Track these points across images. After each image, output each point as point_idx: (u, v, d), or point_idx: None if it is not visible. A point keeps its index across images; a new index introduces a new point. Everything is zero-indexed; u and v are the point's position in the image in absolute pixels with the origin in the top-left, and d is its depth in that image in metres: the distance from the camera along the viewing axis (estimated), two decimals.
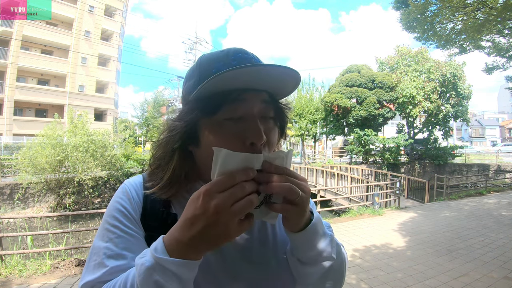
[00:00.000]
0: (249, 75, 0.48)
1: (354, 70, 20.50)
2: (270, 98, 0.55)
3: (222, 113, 0.51)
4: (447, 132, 20.88)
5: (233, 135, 0.51)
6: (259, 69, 0.49)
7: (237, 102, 0.51)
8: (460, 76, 19.04)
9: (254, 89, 0.52)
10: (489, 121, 50.99)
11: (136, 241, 0.52)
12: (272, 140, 0.55)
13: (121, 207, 0.54)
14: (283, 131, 0.63)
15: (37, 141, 10.86)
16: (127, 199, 0.55)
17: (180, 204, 0.57)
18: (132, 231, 0.52)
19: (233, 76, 0.47)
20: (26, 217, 8.88)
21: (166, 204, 0.56)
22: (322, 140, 28.55)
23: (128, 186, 0.57)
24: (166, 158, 0.57)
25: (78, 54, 24.48)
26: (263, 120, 0.54)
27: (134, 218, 0.53)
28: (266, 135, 0.52)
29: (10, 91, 21.27)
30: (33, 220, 9.71)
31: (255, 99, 0.52)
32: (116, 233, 0.51)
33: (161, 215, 0.55)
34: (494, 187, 12.72)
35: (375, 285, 3.57)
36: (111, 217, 0.53)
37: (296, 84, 0.54)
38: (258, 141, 0.50)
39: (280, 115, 0.59)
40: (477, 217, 7.17)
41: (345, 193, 11.41)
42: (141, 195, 0.56)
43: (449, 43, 8.03)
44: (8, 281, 3.79)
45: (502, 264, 4.15)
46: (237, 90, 0.50)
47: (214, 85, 0.48)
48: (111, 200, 0.57)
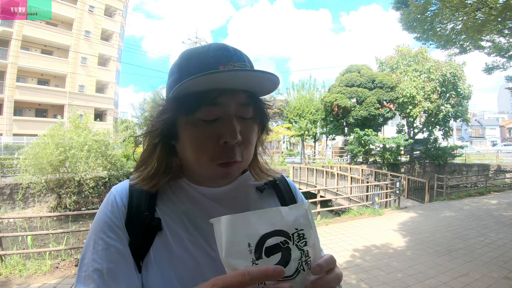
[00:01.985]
0: (225, 78, 0.49)
1: (354, 70, 20.50)
2: (249, 98, 0.55)
3: (198, 114, 0.53)
4: (447, 132, 20.88)
5: (208, 134, 0.53)
6: (236, 74, 0.50)
7: (214, 105, 0.52)
8: (460, 76, 19.03)
9: (232, 90, 0.52)
10: (489, 121, 50.98)
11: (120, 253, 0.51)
12: (249, 139, 0.56)
13: (106, 218, 0.54)
14: (264, 126, 0.63)
15: (41, 140, 10.87)
16: (111, 207, 0.55)
17: (165, 206, 0.57)
18: (116, 242, 0.52)
19: (207, 81, 0.48)
20: (26, 217, 8.87)
21: (150, 209, 0.56)
22: (322, 140, 28.55)
23: (114, 194, 0.57)
24: (148, 151, 0.59)
25: (78, 54, 24.48)
26: (241, 120, 0.54)
27: (117, 226, 0.53)
28: (243, 134, 0.54)
29: (10, 91, 21.27)
30: (33, 220, 9.71)
31: (232, 100, 0.53)
32: (102, 246, 0.51)
33: (145, 219, 0.54)
34: (494, 187, 12.72)
35: (375, 285, 3.57)
36: (97, 228, 0.53)
37: (275, 85, 0.54)
38: (232, 140, 0.52)
39: (259, 113, 0.60)
40: (477, 217, 7.17)
41: (345, 193, 11.41)
42: (126, 202, 0.56)
43: (449, 43, 8.03)
44: (8, 281, 3.79)
45: (502, 264, 4.15)
46: (214, 91, 0.51)
47: (191, 86, 0.49)
48: (99, 208, 0.57)
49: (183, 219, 0.56)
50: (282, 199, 0.67)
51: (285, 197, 0.68)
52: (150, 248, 0.53)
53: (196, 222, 0.57)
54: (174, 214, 0.57)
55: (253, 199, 0.64)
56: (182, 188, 0.60)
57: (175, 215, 0.57)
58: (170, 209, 0.57)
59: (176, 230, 0.55)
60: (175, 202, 0.58)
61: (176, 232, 0.55)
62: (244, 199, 0.63)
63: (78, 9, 24.29)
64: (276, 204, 0.66)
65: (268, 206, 0.64)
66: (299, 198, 0.71)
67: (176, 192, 0.60)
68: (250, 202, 0.63)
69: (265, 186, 0.66)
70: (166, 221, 0.55)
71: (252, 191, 0.65)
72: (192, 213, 0.58)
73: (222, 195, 0.60)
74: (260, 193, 0.66)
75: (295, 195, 0.70)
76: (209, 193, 0.60)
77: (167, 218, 0.56)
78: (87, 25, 25.16)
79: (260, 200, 0.65)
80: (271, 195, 0.67)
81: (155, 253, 0.53)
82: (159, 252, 0.53)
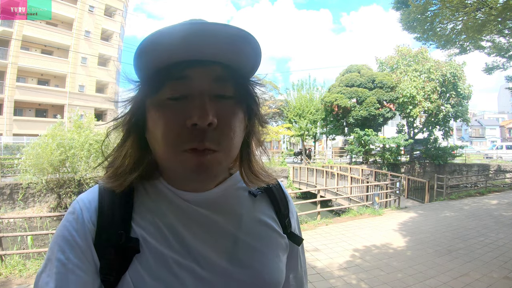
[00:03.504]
0: (185, 38, 0.40)
1: (354, 70, 20.51)
2: (226, 72, 0.46)
3: (164, 92, 0.44)
4: (447, 132, 20.90)
5: (173, 115, 0.43)
6: (195, 27, 0.40)
7: (180, 79, 0.44)
8: (460, 76, 19.05)
9: (202, 62, 0.44)
10: (489, 121, 50.96)
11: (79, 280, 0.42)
12: (229, 124, 0.45)
13: (67, 234, 0.44)
14: (252, 112, 0.52)
15: (42, 140, 10.88)
16: (75, 222, 0.45)
17: (144, 220, 0.47)
18: (75, 267, 0.42)
19: (166, 43, 0.39)
20: (26, 217, 8.87)
21: (125, 225, 0.46)
22: (322, 140, 28.54)
23: (80, 205, 0.47)
24: (118, 144, 0.51)
25: (78, 54, 24.48)
26: (217, 99, 0.45)
27: (80, 247, 0.43)
28: (220, 117, 0.44)
29: (10, 91, 21.27)
30: (33, 220, 9.71)
31: (203, 74, 0.44)
32: (57, 268, 0.42)
33: (119, 239, 0.44)
34: (494, 187, 12.73)
35: (375, 285, 3.57)
36: (55, 245, 0.44)
37: (256, 52, 0.45)
38: (201, 121, 0.42)
39: (244, 93, 0.49)
40: (477, 217, 7.17)
41: (345, 193, 11.41)
42: (94, 217, 0.46)
43: (449, 43, 8.03)
44: (8, 281, 3.79)
45: (502, 264, 4.15)
46: (181, 63, 0.43)
47: (153, 57, 0.42)
48: (62, 220, 0.48)
49: (165, 235, 0.47)
50: (276, 205, 0.59)
51: (279, 204, 0.60)
52: (126, 272, 0.43)
53: (181, 237, 0.47)
54: (155, 229, 0.47)
55: (245, 206, 0.55)
56: (161, 193, 0.50)
57: (156, 230, 0.47)
58: (149, 223, 0.47)
59: (158, 250, 0.45)
60: (155, 213, 0.48)
61: (158, 252, 0.45)
62: (236, 206, 0.54)
63: (78, 9, 24.29)
64: (269, 210, 0.58)
65: (262, 213, 0.57)
66: (290, 200, 0.63)
67: (155, 199, 0.50)
68: (242, 209, 0.54)
69: (258, 190, 0.57)
70: (146, 239, 0.45)
71: (244, 196, 0.56)
72: (176, 226, 0.48)
73: (210, 201, 0.51)
74: (253, 198, 0.57)
75: (287, 198, 0.62)
76: (195, 200, 0.50)
77: (146, 235, 0.46)
78: (87, 25, 25.15)
79: (253, 206, 0.56)
80: (264, 200, 0.59)
81: (133, 277, 0.43)
82: (138, 278, 0.43)
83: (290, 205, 0.63)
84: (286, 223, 0.59)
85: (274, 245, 0.55)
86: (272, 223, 0.57)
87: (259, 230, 0.54)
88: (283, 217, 0.60)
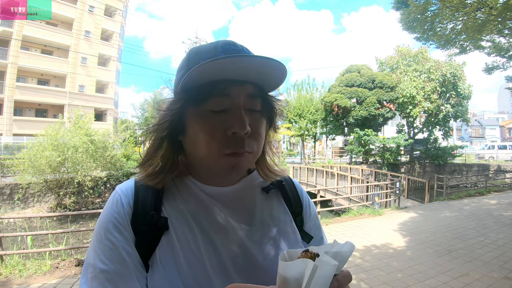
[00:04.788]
0: (231, 65, 0.49)
1: (354, 70, 20.51)
2: (257, 90, 0.55)
3: (207, 105, 0.52)
4: (447, 132, 20.89)
5: (216, 124, 0.52)
6: (241, 59, 0.50)
7: (223, 96, 0.52)
8: (460, 76, 19.04)
9: (240, 81, 0.53)
10: (489, 121, 50.95)
11: (127, 253, 0.50)
12: (258, 132, 0.56)
13: (111, 218, 0.53)
14: (272, 122, 0.63)
15: (38, 141, 10.85)
16: (116, 207, 0.54)
17: (171, 206, 0.56)
18: (122, 243, 0.51)
19: (216, 67, 0.48)
20: (26, 217, 8.88)
21: (156, 208, 0.55)
22: (322, 140, 28.55)
23: (119, 193, 0.56)
24: (154, 146, 0.58)
25: (78, 54, 24.47)
26: (249, 112, 0.54)
27: (123, 226, 0.52)
28: (252, 127, 0.53)
29: (10, 91, 21.26)
30: (33, 220, 9.71)
31: (241, 92, 0.53)
32: (108, 246, 0.50)
33: (151, 218, 0.53)
34: (494, 187, 12.73)
35: (375, 285, 3.57)
36: (102, 228, 0.52)
37: (283, 75, 0.54)
38: (240, 130, 0.51)
39: (267, 107, 0.59)
40: (477, 217, 7.17)
41: (345, 193, 11.41)
42: (131, 201, 0.55)
43: (449, 43, 8.03)
44: (8, 281, 3.79)
45: (502, 264, 4.15)
46: (223, 81, 0.51)
47: (199, 76, 0.49)
48: (103, 208, 0.56)
49: (188, 219, 0.55)
50: (287, 200, 0.67)
51: (290, 199, 0.67)
52: (156, 248, 0.52)
53: (201, 223, 0.56)
54: (180, 214, 0.56)
55: (258, 200, 0.63)
56: (188, 187, 0.59)
57: (181, 215, 0.56)
58: (175, 209, 0.56)
59: (181, 231, 0.54)
60: (180, 201, 0.57)
61: (182, 233, 0.54)
62: (250, 200, 0.62)
63: (78, 9, 24.29)
64: (281, 206, 0.65)
65: (273, 208, 0.64)
66: (305, 200, 0.70)
67: (182, 190, 0.59)
68: (255, 204, 0.62)
69: (271, 186, 0.65)
70: (172, 221, 0.54)
71: (258, 192, 0.64)
72: (197, 213, 0.56)
73: (227, 196, 0.59)
74: (265, 194, 0.65)
75: (301, 197, 0.69)
76: (214, 193, 0.59)
77: (172, 217, 0.55)
78: (87, 25, 25.15)
79: (265, 201, 0.64)
80: (276, 196, 0.66)
81: (160, 254, 0.51)
82: (164, 253, 0.51)
83: (304, 204, 0.69)
84: (297, 221, 0.66)
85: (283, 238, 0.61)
86: (282, 217, 0.64)
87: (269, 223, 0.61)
88: (295, 215, 0.66)
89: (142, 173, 0.58)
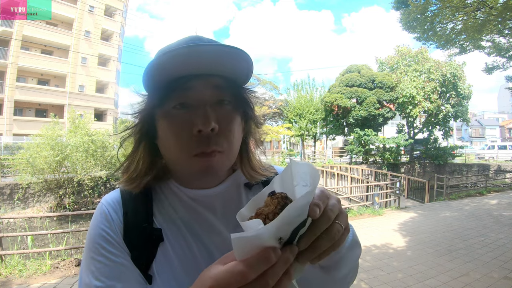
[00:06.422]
0: (187, 57, 0.46)
1: (354, 70, 20.51)
2: (224, 82, 0.52)
3: (170, 102, 0.50)
4: (447, 132, 20.89)
5: (181, 123, 0.49)
6: (196, 48, 0.47)
7: (184, 90, 0.50)
8: (460, 76, 19.04)
9: (203, 75, 0.50)
10: (489, 121, 50.95)
11: (125, 268, 0.48)
12: (228, 128, 0.51)
13: (102, 232, 0.50)
14: (248, 116, 0.58)
15: (35, 141, 10.82)
16: (106, 221, 0.51)
17: (162, 215, 0.54)
18: (118, 258, 0.48)
19: (174, 61, 0.46)
20: (26, 217, 8.86)
21: (148, 219, 0.52)
22: (322, 140, 28.55)
23: (105, 206, 0.53)
24: (132, 151, 0.57)
25: (78, 54, 24.47)
26: (217, 106, 0.51)
27: (116, 241, 0.49)
28: (220, 122, 0.50)
29: (10, 91, 21.26)
30: (33, 220, 9.70)
31: (205, 85, 0.50)
32: (103, 262, 0.47)
33: (145, 231, 0.51)
34: (494, 187, 12.72)
35: (375, 285, 3.57)
36: (94, 244, 0.49)
37: (249, 64, 0.50)
38: (204, 127, 0.48)
39: (240, 100, 0.55)
40: (477, 217, 7.17)
41: (345, 193, 11.41)
42: (120, 214, 0.52)
43: (449, 43, 8.02)
44: (8, 281, 3.79)
45: (502, 264, 4.15)
46: (184, 77, 0.49)
47: (158, 73, 0.47)
48: (91, 222, 0.53)
49: (181, 227, 0.53)
50: None
51: None
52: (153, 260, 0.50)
53: (193, 229, 0.54)
54: (172, 223, 0.53)
55: (244, 199, 0.60)
56: (173, 192, 0.57)
57: (173, 224, 0.53)
58: (166, 217, 0.54)
59: (175, 240, 0.52)
60: (170, 209, 0.55)
61: (176, 242, 0.52)
62: (237, 200, 0.59)
63: (78, 9, 24.29)
64: None
65: None
66: None
67: (169, 197, 0.57)
68: (242, 203, 0.59)
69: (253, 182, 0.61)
70: (165, 231, 0.52)
71: (243, 191, 0.61)
72: (188, 220, 0.54)
73: (211, 199, 0.57)
74: (248, 190, 0.61)
75: None
76: (198, 197, 0.56)
77: (165, 228, 0.53)
78: (87, 25, 25.15)
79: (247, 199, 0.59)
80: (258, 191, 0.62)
81: (157, 266, 0.49)
82: (162, 265, 0.50)
83: None
84: None
85: None
86: None
87: None
88: None
89: (122, 178, 0.56)
